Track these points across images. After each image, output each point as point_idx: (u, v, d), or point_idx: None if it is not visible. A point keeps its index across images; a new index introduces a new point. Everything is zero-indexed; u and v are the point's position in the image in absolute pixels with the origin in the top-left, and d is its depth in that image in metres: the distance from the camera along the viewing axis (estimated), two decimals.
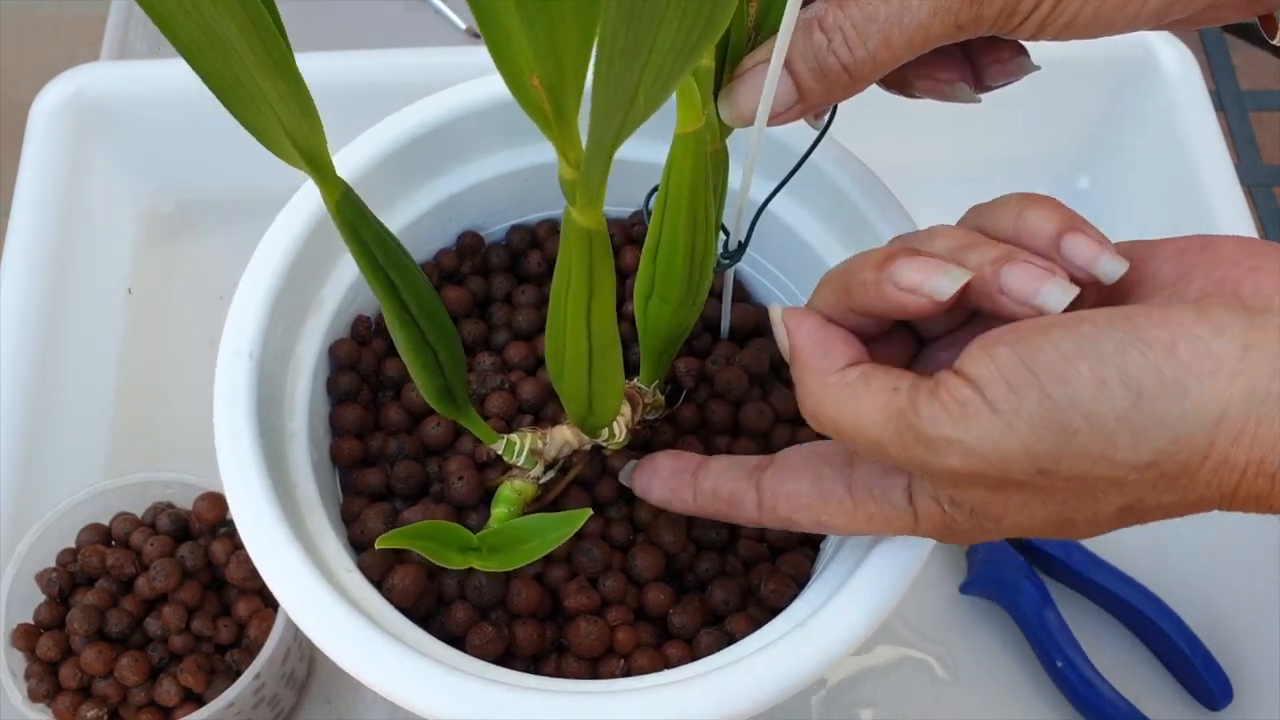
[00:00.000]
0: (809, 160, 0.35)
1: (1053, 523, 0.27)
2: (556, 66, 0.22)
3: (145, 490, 0.46)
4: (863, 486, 0.30)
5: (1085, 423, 0.24)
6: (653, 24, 0.20)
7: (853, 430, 0.28)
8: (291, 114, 0.25)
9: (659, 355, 0.36)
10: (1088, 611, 0.51)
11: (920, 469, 0.27)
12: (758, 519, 0.33)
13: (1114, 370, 0.24)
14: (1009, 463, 0.25)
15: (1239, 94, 0.68)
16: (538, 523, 0.31)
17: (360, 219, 0.29)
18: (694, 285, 0.33)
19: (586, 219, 0.26)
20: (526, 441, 0.35)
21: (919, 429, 0.26)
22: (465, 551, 0.32)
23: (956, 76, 0.31)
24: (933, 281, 0.27)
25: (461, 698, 0.31)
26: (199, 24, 0.22)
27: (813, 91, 0.29)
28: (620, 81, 0.21)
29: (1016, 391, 0.25)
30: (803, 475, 0.32)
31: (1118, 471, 0.25)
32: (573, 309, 0.29)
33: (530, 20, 0.21)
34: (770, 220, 0.42)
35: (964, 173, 0.62)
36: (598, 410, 0.34)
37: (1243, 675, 0.49)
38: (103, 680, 0.42)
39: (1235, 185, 0.57)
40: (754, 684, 0.31)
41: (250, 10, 0.22)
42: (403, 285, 0.30)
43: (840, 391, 0.28)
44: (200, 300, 0.58)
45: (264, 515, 0.33)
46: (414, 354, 0.31)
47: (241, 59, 0.23)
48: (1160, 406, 0.24)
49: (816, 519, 0.31)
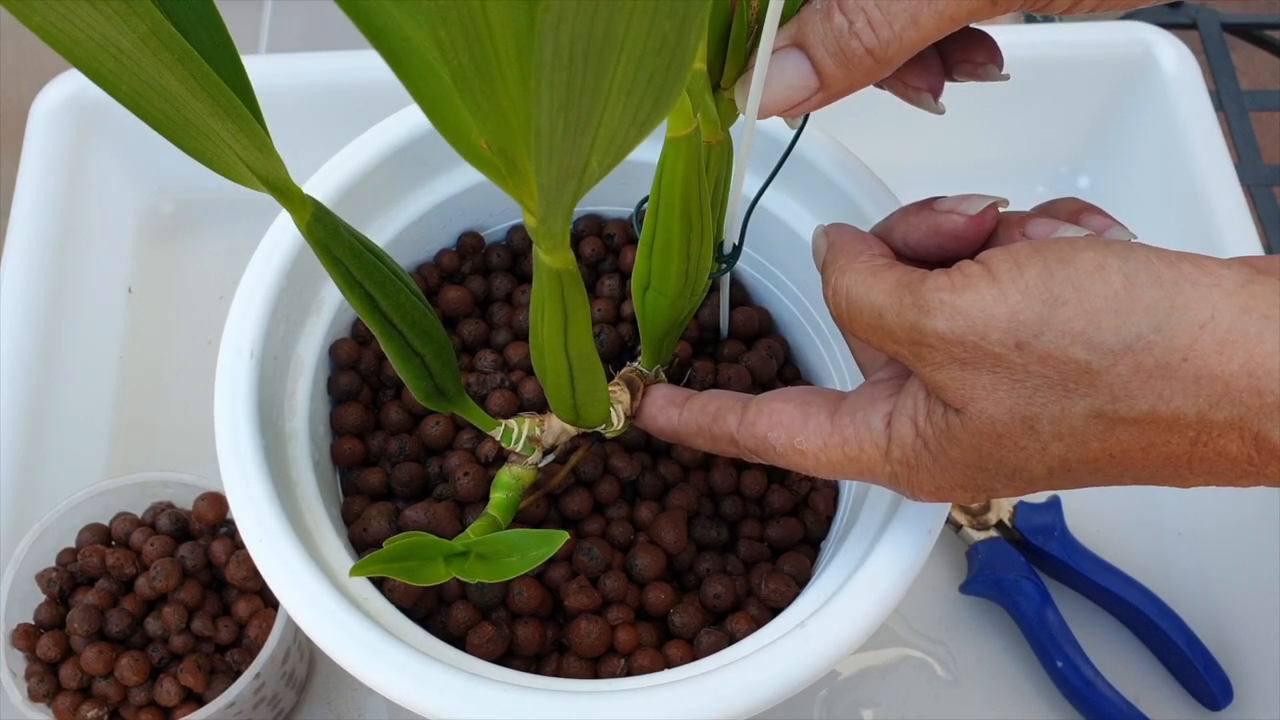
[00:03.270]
0: (810, 161, 0.35)
1: (1018, 417, 0.26)
2: (504, 131, 0.22)
3: (145, 490, 0.46)
4: (845, 411, 0.31)
5: (1075, 295, 0.25)
6: (594, 109, 0.19)
7: (862, 302, 0.28)
8: (246, 149, 0.25)
9: (659, 342, 0.36)
10: (1088, 611, 0.51)
11: (908, 338, 0.27)
12: (734, 435, 0.33)
13: (1115, 260, 0.25)
14: (990, 327, 0.25)
15: (1239, 94, 0.68)
16: (519, 538, 0.31)
17: (333, 237, 0.28)
18: (691, 280, 0.33)
19: (554, 261, 0.26)
20: (524, 427, 0.35)
21: (918, 293, 0.27)
22: (450, 559, 0.32)
23: (925, 86, 0.31)
24: (967, 202, 0.29)
25: (462, 698, 0.31)
26: (140, 78, 0.22)
27: (835, 78, 0.28)
28: (568, 155, 0.20)
29: (1019, 265, 0.26)
30: (790, 398, 0.32)
31: (1094, 355, 0.24)
32: (550, 338, 0.29)
33: (472, 98, 0.21)
34: (771, 221, 0.42)
35: (965, 173, 0.62)
36: (585, 417, 0.34)
37: (1243, 675, 0.49)
38: (103, 680, 0.42)
39: (1235, 185, 0.57)
40: (755, 684, 0.31)
41: (189, 64, 0.22)
42: (381, 297, 0.30)
43: (863, 271, 0.29)
44: (200, 300, 0.58)
45: (264, 515, 0.33)
46: (400, 361, 0.31)
47: (188, 104, 0.23)
48: (1151, 295, 0.24)
49: (790, 440, 0.31)
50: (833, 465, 0.31)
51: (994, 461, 0.27)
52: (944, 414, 0.27)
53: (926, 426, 0.28)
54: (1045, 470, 0.27)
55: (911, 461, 0.29)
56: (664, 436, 0.36)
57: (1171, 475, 0.26)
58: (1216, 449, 0.24)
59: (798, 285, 0.44)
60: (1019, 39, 0.61)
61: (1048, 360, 0.25)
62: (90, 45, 0.21)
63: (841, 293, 0.29)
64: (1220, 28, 0.72)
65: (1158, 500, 0.54)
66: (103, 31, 0.21)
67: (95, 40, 0.21)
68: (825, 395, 0.32)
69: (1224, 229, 0.56)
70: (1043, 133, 0.63)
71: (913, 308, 0.27)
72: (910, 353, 0.27)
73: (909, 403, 0.29)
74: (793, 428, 0.31)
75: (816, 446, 0.31)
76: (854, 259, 0.30)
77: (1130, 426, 0.25)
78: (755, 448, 0.32)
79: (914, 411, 0.29)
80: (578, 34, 0.17)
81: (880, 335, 0.28)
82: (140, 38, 0.21)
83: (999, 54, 0.31)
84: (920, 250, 0.30)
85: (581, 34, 0.17)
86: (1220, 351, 0.24)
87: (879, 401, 0.30)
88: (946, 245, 0.30)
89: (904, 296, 0.27)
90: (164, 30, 0.21)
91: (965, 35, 0.31)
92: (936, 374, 0.27)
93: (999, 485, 0.28)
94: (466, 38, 0.19)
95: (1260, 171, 0.65)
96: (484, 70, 0.20)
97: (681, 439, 0.35)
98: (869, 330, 0.28)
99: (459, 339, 0.43)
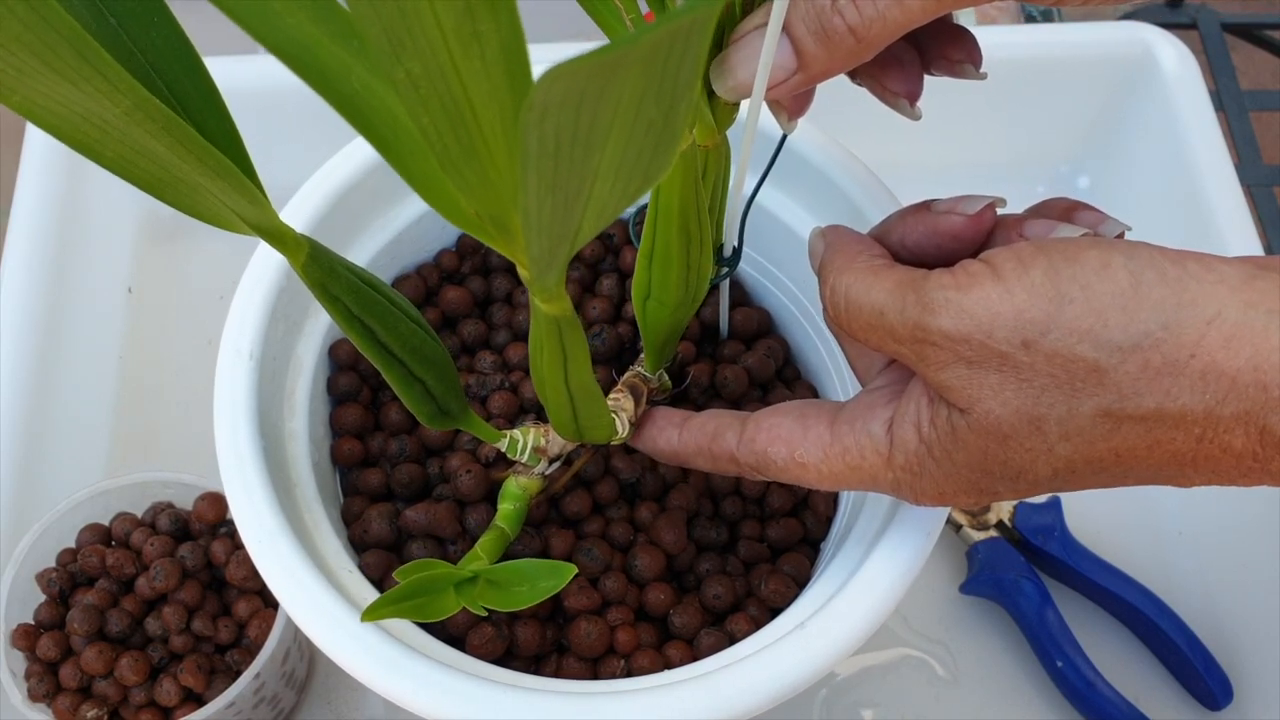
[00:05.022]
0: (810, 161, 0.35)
1: (1025, 417, 0.26)
2: (494, 202, 0.22)
3: (145, 490, 0.46)
4: (844, 420, 0.30)
5: (1081, 293, 0.25)
6: (581, 188, 0.19)
7: (862, 301, 0.28)
8: (238, 204, 0.24)
9: (661, 347, 0.36)
10: (1088, 611, 0.51)
11: (912, 337, 0.27)
12: (734, 452, 0.32)
13: (1121, 258, 0.25)
14: (996, 325, 0.25)
15: (1239, 94, 0.68)
16: (530, 568, 0.31)
17: (329, 275, 0.28)
18: (691, 288, 0.33)
19: (551, 309, 0.26)
20: (530, 438, 0.35)
21: (922, 291, 0.27)
22: (460, 588, 0.32)
23: (902, 91, 0.30)
24: (965, 203, 0.29)
25: (461, 698, 0.31)
26: (125, 145, 0.22)
27: (815, 58, 0.27)
28: (559, 227, 0.20)
29: (1024, 264, 0.25)
30: (788, 413, 0.32)
31: (1101, 353, 0.24)
32: (550, 375, 0.30)
33: (459, 175, 0.21)
34: (771, 221, 0.42)
35: (965, 173, 0.62)
36: (589, 436, 0.34)
37: (1243, 675, 0.49)
38: (103, 680, 0.42)
39: (1235, 185, 0.57)
40: (755, 685, 0.31)
41: (175, 131, 0.22)
42: (381, 329, 0.30)
43: (863, 270, 0.29)
44: (200, 300, 0.58)
45: (264, 515, 0.33)
46: (402, 388, 0.31)
47: (176, 166, 0.23)
48: (1157, 293, 0.24)
49: (791, 453, 0.31)
50: (835, 476, 0.30)
51: (999, 463, 0.27)
52: (948, 416, 0.27)
53: (930, 430, 0.28)
54: (1050, 472, 0.26)
55: (914, 467, 0.29)
56: (664, 458, 0.36)
57: (1175, 474, 0.26)
58: (1222, 445, 0.24)
59: (797, 285, 0.44)
60: (1019, 39, 0.61)
61: (1055, 359, 0.25)
62: (74, 119, 0.21)
63: (840, 292, 0.29)
64: (1220, 28, 0.72)
65: (1158, 500, 0.54)
66: (86, 106, 0.20)
67: (79, 114, 0.21)
68: (823, 407, 0.32)
69: (1224, 229, 0.56)
70: (1043, 133, 0.63)
71: (917, 306, 0.26)
72: (913, 352, 0.27)
73: (911, 407, 0.29)
74: (792, 441, 0.31)
75: (817, 458, 0.31)
76: (853, 258, 0.29)
77: (1137, 425, 0.25)
78: (756, 464, 0.32)
79: (916, 416, 0.28)
80: (563, 126, 0.16)
81: (880, 334, 0.28)
82: (124, 111, 0.21)
83: (978, 53, 0.30)
84: (918, 251, 0.30)
85: (567, 126, 0.16)
86: (1227, 347, 0.24)
87: (878, 408, 0.30)
88: (945, 245, 0.29)
89: (907, 295, 0.27)
90: (149, 104, 0.21)
91: (946, 31, 0.30)
92: (941, 374, 0.27)
93: (1002, 488, 0.28)
94: (451, 121, 0.19)
95: (1260, 171, 0.65)
96: (469, 149, 0.20)
97: (682, 460, 0.35)
98: (868, 330, 0.28)
99: (459, 339, 0.43)
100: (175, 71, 0.25)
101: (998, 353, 0.25)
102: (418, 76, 0.18)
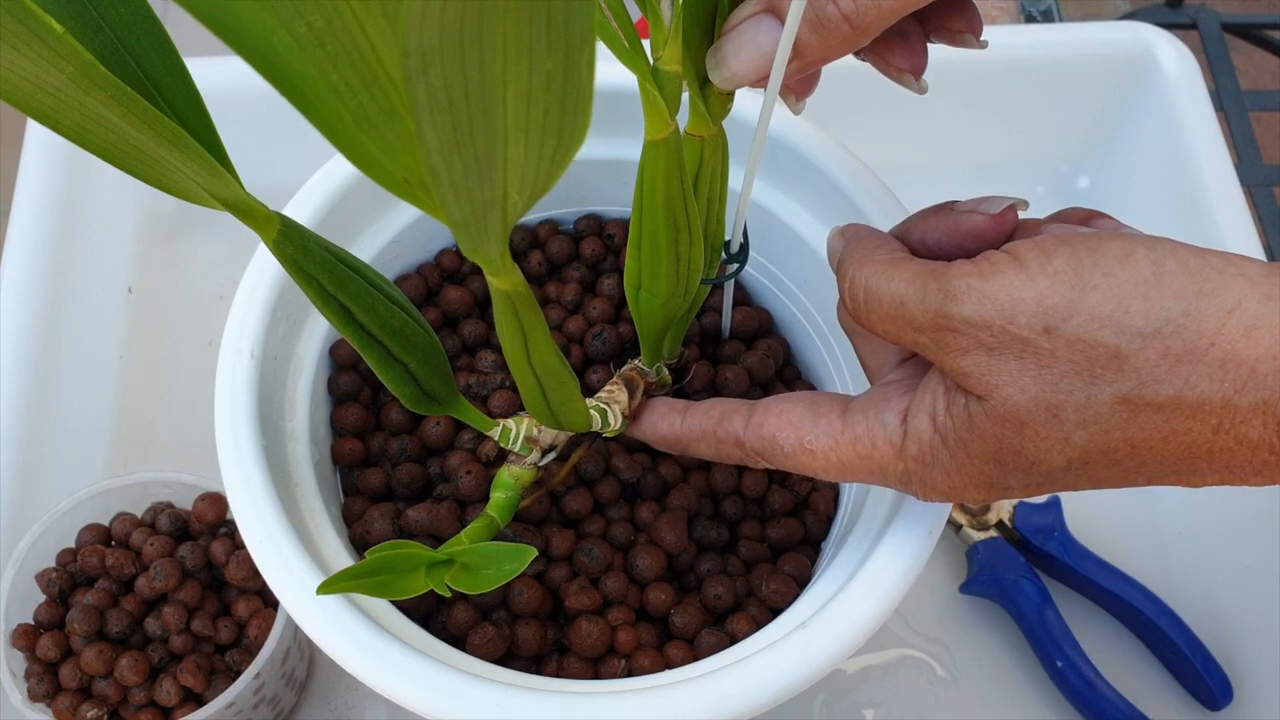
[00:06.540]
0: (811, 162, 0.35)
1: (1043, 404, 0.26)
2: (419, 165, 0.21)
3: (145, 490, 0.46)
4: (856, 410, 0.30)
5: (1103, 280, 0.25)
6: (492, 146, 0.18)
7: (882, 291, 0.28)
8: (199, 175, 0.24)
9: (657, 340, 0.36)
10: (1088, 611, 0.51)
11: (932, 324, 0.27)
12: (741, 436, 0.32)
13: (1143, 249, 0.25)
14: (1018, 311, 0.25)
15: (1239, 94, 0.68)
16: (495, 551, 0.31)
17: (303, 252, 0.28)
18: (682, 280, 0.33)
19: (501, 283, 0.26)
20: (522, 427, 0.35)
21: (943, 279, 0.27)
22: (432, 569, 0.31)
23: (907, 66, 0.30)
24: (988, 203, 0.29)
25: (462, 698, 0.31)
26: (81, 113, 0.22)
27: (809, 45, 0.27)
28: (477, 191, 0.20)
29: (1046, 253, 0.26)
30: (799, 400, 0.32)
31: (1122, 339, 0.24)
32: (513, 354, 0.29)
33: (379, 136, 0.20)
34: (772, 222, 0.42)
35: (965, 173, 0.62)
36: (566, 424, 0.34)
37: (1243, 675, 0.49)
38: (103, 680, 0.42)
39: (1235, 185, 0.57)
40: (755, 685, 0.31)
41: (124, 100, 0.21)
42: (357, 309, 0.29)
43: (884, 262, 0.29)
44: (200, 300, 0.58)
45: (264, 515, 0.33)
46: (381, 369, 0.31)
47: (133, 136, 0.22)
48: (1179, 281, 0.24)
49: (800, 440, 0.31)
50: (843, 465, 0.30)
51: (1013, 453, 0.27)
52: (965, 404, 0.27)
53: (946, 420, 0.28)
54: (1064, 463, 0.26)
55: (927, 458, 0.28)
56: (664, 445, 0.35)
57: (1188, 470, 0.26)
58: (1238, 436, 0.24)
59: (798, 285, 0.44)
60: (1019, 39, 0.61)
61: (1076, 345, 0.25)
62: (25, 85, 0.21)
63: (860, 284, 0.29)
64: (1220, 28, 0.72)
65: (1158, 500, 0.54)
66: (34, 73, 0.20)
67: (30, 80, 0.20)
68: (834, 397, 0.32)
69: (1224, 229, 0.56)
70: (1043, 133, 0.63)
71: (938, 293, 0.27)
72: (933, 340, 0.27)
73: (927, 398, 0.29)
74: (802, 427, 0.31)
75: (827, 445, 0.30)
76: (873, 251, 0.29)
77: (1155, 413, 0.25)
78: (762, 449, 0.32)
79: (932, 407, 0.28)
80: (451, 79, 0.16)
81: (900, 324, 0.28)
82: (70, 78, 0.20)
83: (979, 23, 0.30)
84: (938, 250, 0.30)
85: (456, 77, 0.16)
86: (1247, 336, 0.24)
87: (893, 399, 0.30)
88: (966, 244, 0.29)
89: (928, 283, 0.27)
90: (94, 70, 0.20)
91: (947, 1, 0.30)
92: (961, 360, 0.27)
93: (1014, 481, 0.27)
94: (363, 79, 0.19)
95: (1260, 171, 0.65)
96: (387, 109, 0.20)
97: (684, 446, 0.35)
98: (887, 320, 0.28)
99: (459, 339, 0.43)
100: (142, 46, 0.24)
101: (1019, 338, 0.25)
102: (321, 31, 0.18)
